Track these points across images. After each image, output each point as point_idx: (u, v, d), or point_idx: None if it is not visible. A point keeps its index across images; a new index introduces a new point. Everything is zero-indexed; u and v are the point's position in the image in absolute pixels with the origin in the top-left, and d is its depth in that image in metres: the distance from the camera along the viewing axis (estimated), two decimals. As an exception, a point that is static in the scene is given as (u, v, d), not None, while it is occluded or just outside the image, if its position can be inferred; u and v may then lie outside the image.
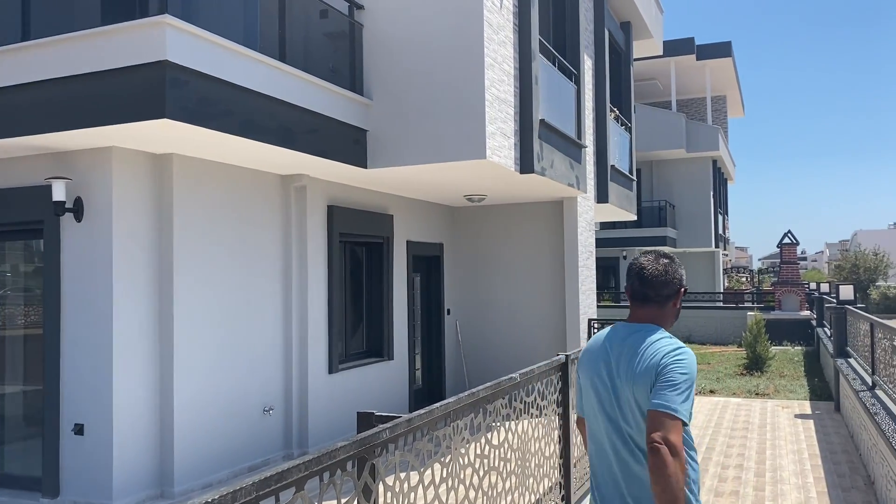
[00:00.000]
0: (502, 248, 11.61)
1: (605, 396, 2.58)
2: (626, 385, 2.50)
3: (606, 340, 2.66)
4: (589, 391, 2.67)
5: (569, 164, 9.71)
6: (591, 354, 2.70)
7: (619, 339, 2.60)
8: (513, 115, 8.12)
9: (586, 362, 2.71)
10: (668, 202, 29.02)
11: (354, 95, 7.60)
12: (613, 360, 2.57)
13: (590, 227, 11.49)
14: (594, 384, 2.63)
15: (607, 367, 2.59)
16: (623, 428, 2.53)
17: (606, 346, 2.63)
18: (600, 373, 2.61)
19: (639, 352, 2.50)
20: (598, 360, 2.64)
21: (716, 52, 28.47)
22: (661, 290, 2.64)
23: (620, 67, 13.81)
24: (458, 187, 9.56)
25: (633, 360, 2.50)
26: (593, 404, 2.64)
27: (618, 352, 2.57)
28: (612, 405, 2.56)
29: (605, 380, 2.59)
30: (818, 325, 17.11)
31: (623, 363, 2.53)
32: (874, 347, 7.19)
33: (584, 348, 2.77)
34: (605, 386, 2.58)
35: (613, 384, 2.55)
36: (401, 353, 10.12)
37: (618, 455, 2.55)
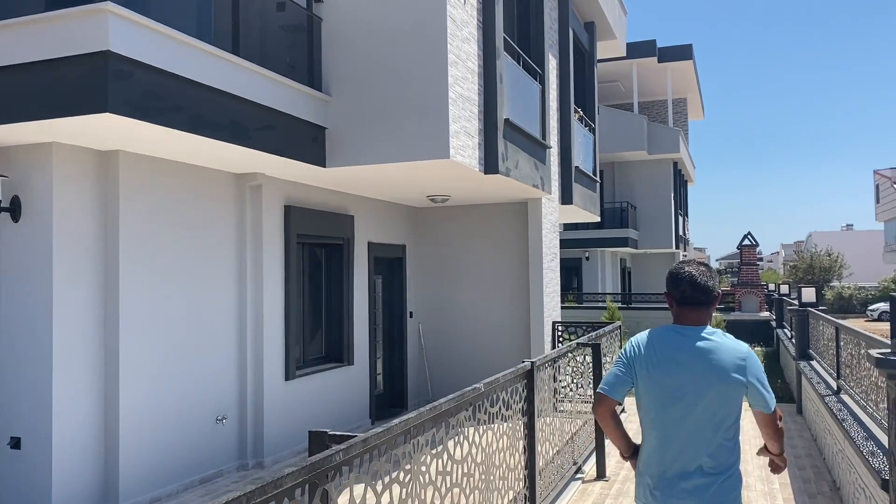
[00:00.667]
0: (466, 250, 11.41)
1: (693, 392, 2.92)
2: (723, 384, 2.90)
3: (677, 342, 3.00)
4: (668, 387, 2.97)
5: (533, 165, 9.54)
6: (666, 353, 3.00)
7: (698, 342, 2.96)
8: (477, 113, 7.92)
9: (655, 362, 3.01)
10: (629, 203, 29.19)
11: (313, 91, 7.31)
12: (702, 360, 2.93)
13: (554, 229, 11.35)
14: (678, 381, 2.95)
15: (694, 366, 2.93)
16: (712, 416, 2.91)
17: (688, 347, 2.96)
18: (688, 371, 2.94)
19: (727, 353, 2.93)
20: (683, 359, 2.96)
21: (677, 55, 28.71)
22: (711, 294, 3.03)
23: (584, 68, 13.72)
24: (421, 188, 9.33)
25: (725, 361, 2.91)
26: (673, 398, 2.96)
27: (705, 353, 2.94)
28: (702, 400, 2.91)
29: (693, 377, 2.92)
30: (778, 327, 17.28)
31: (714, 364, 2.91)
32: (839, 352, 7.15)
33: (646, 345, 3.06)
34: (692, 383, 2.92)
35: (704, 381, 2.91)
36: (361, 358, 9.84)
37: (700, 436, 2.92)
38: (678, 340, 3.00)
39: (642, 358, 3.05)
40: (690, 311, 3.02)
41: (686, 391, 2.93)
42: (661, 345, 3.03)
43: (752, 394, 2.93)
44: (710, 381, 2.90)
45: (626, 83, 30.24)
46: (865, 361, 5.65)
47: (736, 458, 2.98)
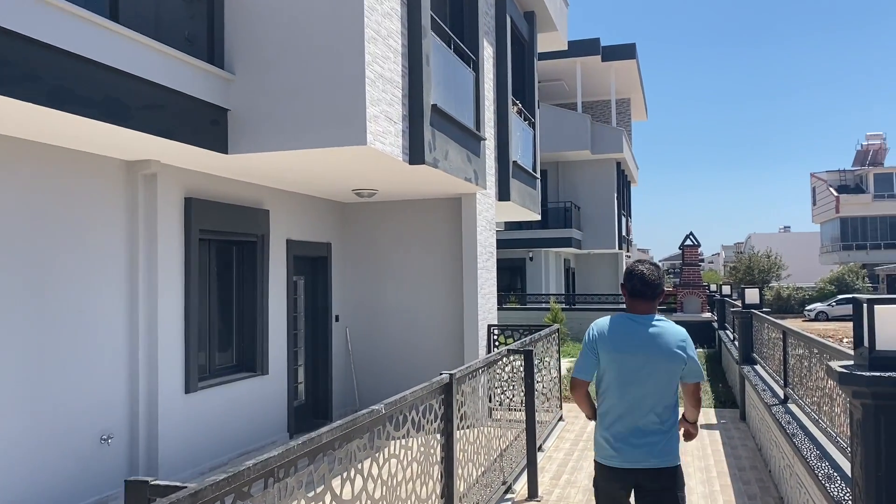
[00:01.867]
0: (397, 249, 10.67)
1: (645, 368, 3.57)
2: (668, 360, 3.58)
3: (630, 327, 3.65)
4: (625, 366, 3.61)
5: (466, 157, 8.86)
6: (621, 338, 3.64)
7: (646, 328, 3.63)
8: (400, 97, 7.19)
9: (613, 344, 3.65)
10: (573, 203, 28.87)
11: (212, 68, 6.47)
12: (651, 342, 3.59)
13: (490, 226, 10.70)
14: (631, 360, 3.59)
15: (645, 347, 3.59)
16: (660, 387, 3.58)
17: (638, 332, 3.62)
18: (640, 351, 3.59)
19: (670, 336, 3.61)
20: (635, 342, 3.61)
21: (621, 54, 28.52)
22: (657, 290, 3.68)
23: (524, 59, 13.13)
24: (344, 180, 8.56)
25: (670, 342, 3.60)
26: (628, 374, 3.59)
27: (652, 336, 3.60)
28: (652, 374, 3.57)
29: (645, 356, 3.57)
30: (720, 328, 17.01)
31: (661, 345, 3.59)
32: (787, 358, 6.66)
33: (606, 331, 3.70)
34: (643, 361, 3.57)
35: (653, 359, 3.57)
36: (278, 366, 9.00)
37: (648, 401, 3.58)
38: (632, 326, 3.67)
39: (605, 340, 3.69)
40: (640, 303, 3.70)
41: (640, 366, 3.59)
42: (618, 330, 3.69)
43: (689, 367, 3.65)
44: (659, 358, 3.59)
45: (570, 82, 29.94)
46: (817, 370, 5.12)
47: (676, 418, 3.68)
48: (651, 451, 3.56)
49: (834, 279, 47.38)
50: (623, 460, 3.61)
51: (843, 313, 42.59)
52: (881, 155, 59.36)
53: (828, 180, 59.32)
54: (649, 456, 3.56)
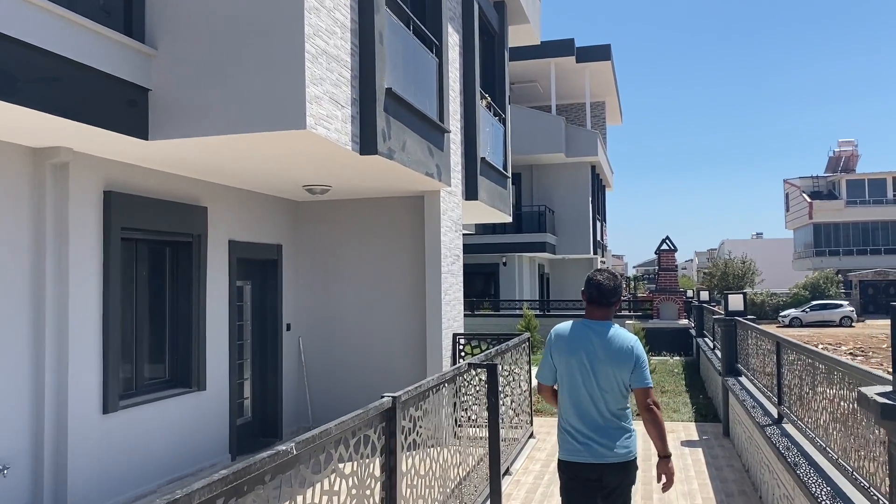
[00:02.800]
0: (355, 251, 9.82)
1: (592, 371, 3.76)
2: (613, 364, 3.75)
3: (582, 332, 3.83)
4: (574, 369, 3.81)
5: (427, 150, 8.07)
6: (572, 342, 3.83)
7: (596, 333, 3.80)
8: (349, 79, 6.38)
9: (566, 347, 3.85)
10: (547, 207, 28.22)
11: (129, 41, 5.61)
12: (598, 347, 3.77)
13: (456, 227, 9.91)
14: (580, 363, 3.79)
15: (592, 351, 3.77)
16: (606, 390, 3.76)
17: (588, 337, 3.80)
18: (588, 355, 3.78)
19: (618, 341, 3.77)
20: (584, 346, 3.80)
21: (595, 55, 27.96)
22: (612, 298, 3.88)
23: (494, 51, 12.39)
24: (291, 173, 7.71)
25: (616, 347, 3.76)
26: (577, 377, 3.80)
27: (600, 341, 3.77)
28: (598, 378, 3.75)
29: (592, 360, 3.76)
30: (698, 335, 16.37)
31: (608, 349, 3.76)
32: (781, 371, 5.93)
33: (560, 337, 3.90)
34: (591, 364, 3.76)
35: (599, 363, 3.75)
36: (218, 381, 8.11)
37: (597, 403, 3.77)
38: (587, 332, 3.81)
39: (560, 344, 3.86)
40: (596, 309, 3.85)
41: (593, 368, 3.75)
42: (573, 334, 3.85)
43: (635, 372, 3.72)
44: (609, 361, 3.72)
45: (544, 83, 29.33)
46: (825, 389, 4.37)
47: (629, 415, 3.82)
48: (611, 447, 3.72)
49: (808, 285, 47.34)
50: (586, 456, 3.76)
51: (817, 319, 42.53)
52: (853, 161, 59.68)
53: (801, 186, 59.48)
54: (610, 452, 3.72)
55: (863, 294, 49.36)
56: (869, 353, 27.30)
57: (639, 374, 3.71)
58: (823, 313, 42.52)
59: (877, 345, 31.00)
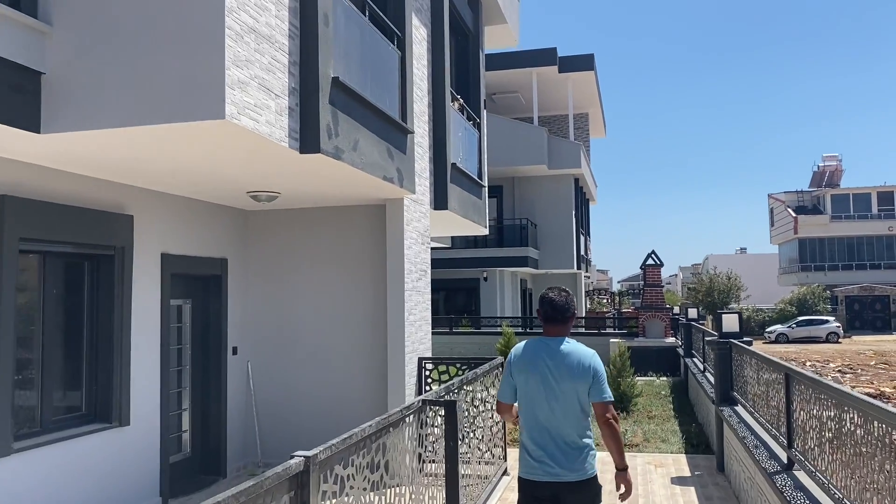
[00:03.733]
0: (311, 266, 8.86)
1: (552, 387, 3.76)
2: (572, 380, 3.75)
3: (540, 349, 3.85)
4: (534, 386, 3.80)
5: (386, 152, 7.15)
6: (531, 360, 3.84)
7: (554, 349, 3.82)
8: (287, 64, 5.46)
9: (525, 364, 3.85)
10: (529, 220, 27.38)
11: (16, 14, 4.67)
12: (556, 363, 3.78)
13: (423, 240, 8.98)
14: (540, 380, 3.79)
15: (550, 367, 3.78)
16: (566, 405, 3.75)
17: (545, 354, 3.82)
18: (546, 372, 3.78)
19: (575, 356, 3.79)
20: (542, 363, 3.80)
21: (578, 65, 27.26)
22: (567, 314, 3.90)
23: (468, 51, 11.54)
24: (226, 176, 6.76)
25: (574, 362, 3.77)
26: (537, 394, 3.79)
27: (558, 357, 3.79)
28: (558, 393, 3.75)
29: (551, 376, 3.77)
30: (686, 355, 15.50)
31: (565, 365, 3.77)
32: (791, 409, 5.03)
33: (519, 355, 3.92)
34: (550, 380, 3.77)
35: (558, 379, 3.76)
36: (146, 413, 7.10)
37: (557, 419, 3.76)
38: (544, 348, 3.87)
39: (518, 362, 3.92)
40: (552, 326, 3.93)
41: (552, 385, 3.79)
42: (531, 352, 3.90)
43: (593, 386, 3.76)
44: (569, 377, 3.77)
45: (526, 94, 28.57)
46: (858, 438, 3.47)
47: (590, 433, 3.85)
48: (569, 465, 3.73)
49: (794, 300, 46.76)
50: (542, 474, 3.76)
51: (804, 335, 41.90)
52: (837, 176, 59.46)
53: (786, 201, 59.15)
54: (567, 471, 3.73)
55: (849, 310, 48.81)
56: (858, 371, 26.61)
57: (597, 388, 3.75)
58: (810, 329, 41.92)
59: (865, 361, 30.35)
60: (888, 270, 54.07)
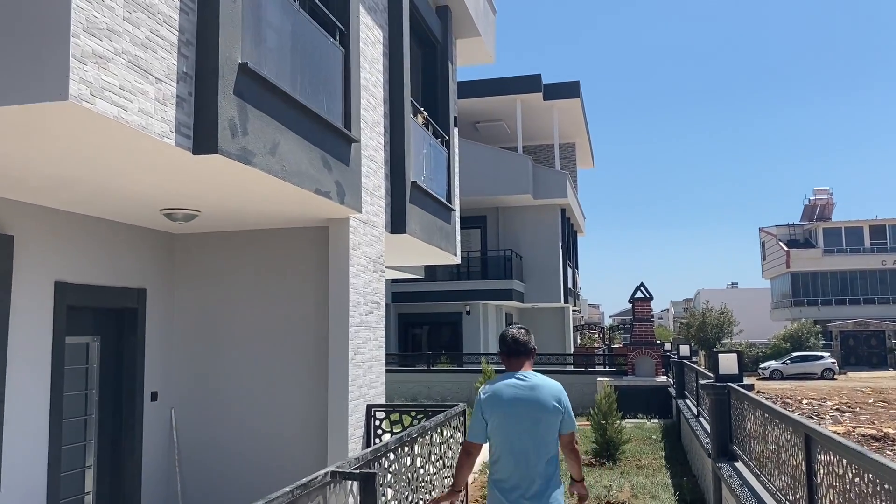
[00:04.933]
0: (246, 297, 7.69)
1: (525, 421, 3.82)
2: (544, 412, 3.83)
3: (510, 385, 3.90)
4: (508, 421, 3.84)
5: (320, 161, 6.05)
6: (502, 397, 3.88)
7: (523, 384, 3.89)
8: (175, 43, 4.38)
9: (496, 401, 3.88)
10: (514, 252, 26.29)
11: None
12: (528, 397, 3.84)
13: (375, 266, 7.84)
14: (513, 415, 3.83)
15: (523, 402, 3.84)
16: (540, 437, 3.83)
17: (516, 389, 3.88)
18: (519, 406, 3.84)
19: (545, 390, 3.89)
20: (514, 399, 3.85)
21: (564, 92, 26.45)
22: (528, 347, 4.05)
23: (436, 63, 10.54)
24: (122, 188, 5.63)
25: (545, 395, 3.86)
26: (512, 428, 3.83)
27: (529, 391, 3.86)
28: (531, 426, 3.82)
29: (524, 410, 3.82)
30: (678, 396, 14.30)
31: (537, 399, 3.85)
32: (813, 479, 3.87)
33: (490, 393, 3.92)
34: (524, 414, 3.82)
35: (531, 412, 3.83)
36: (27, 474, 5.85)
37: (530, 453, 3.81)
38: (514, 384, 3.92)
39: (488, 400, 3.91)
40: (515, 361, 4.03)
41: (522, 421, 3.83)
42: (499, 389, 3.92)
43: (565, 419, 3.89)
44: (538, 410, 3.84)
45: (511, 122, 27.71)
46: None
47: (558, 468, 3.93)
48: (540, 499, 3.80)
49: (788, 336, 45.70)
50: None
51: (798, 372, 40.71)
52: (828, 210, 58.86)
53: (777, 235, 58.41)
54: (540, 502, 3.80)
55: (844, 345, 47.72)
56: (856, 410, 25.43)
57: (568, 420, 3.90)
58: (804, 365, 40.81)
59: (863, 399, 29.18)
60: (882, 305, 53.15)
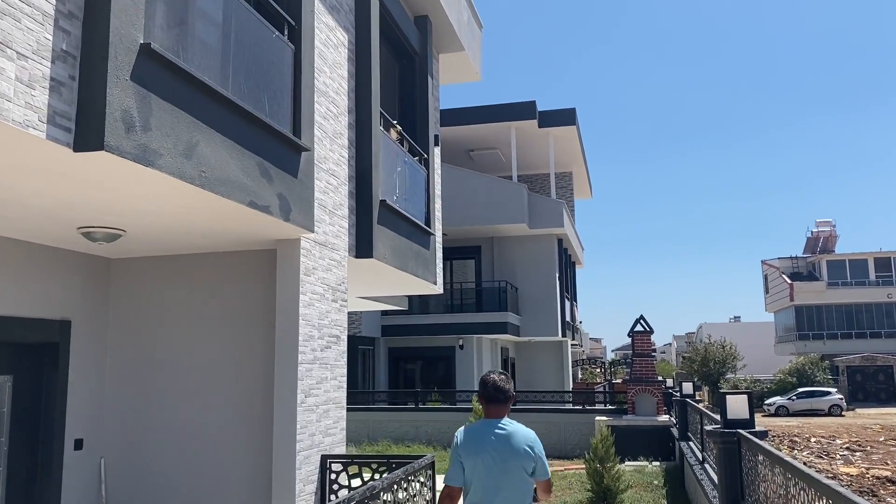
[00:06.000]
0: (187, 331, 6.76)
1: (499, 467, 3.98)
2: (517, 459, 4.00)
3: (486, 431, 4.07)
4: (483, 466, 3.99)
5: (257, 169, 5.17)
6: (478, 442, 4.05)
7: (499, 431, 4.05)
8: (52, 14, 3.53)
9: (473, 447, 4.05)
10: (509, 283, 25.34)
11: None
12: (503, 444, 4.01)
13: (335, 295, 6.91)
14: (488, 461, 3.99)
15: (497, 449, 4.00)
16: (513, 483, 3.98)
17: (492, 435, 4.03)
18: (494, 453, 3.99)
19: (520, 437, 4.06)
20: (489, 445, 4.01)
21: (559, 119, 25.77)
22: (508, 395, 4.18)
23: (414, 76, 9.74)
24: (18, 199, 4.74)
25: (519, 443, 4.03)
26: (486, 474, 3.98)
27: (504, 438, 4.02)
28: (505, 473, 3.98)
29: (498, 457, 3.99)
30: (681, 438, 13.25)
31: (511, 446, 4.01)
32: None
33: (466, 438, 4.10)
34: (498, 461, 3.98)
35: (505, 459, 3.99)
36: None
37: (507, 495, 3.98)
38: (487, 430, 4.08)
39: (465, 445, 4.09)
40: (494, 408, 4.15)
41: (496, 466, 3.99)
42: (475, 435, 4.11)
43: (538, 467, 4.06)
44: (512, 457, 4.00)
45: (506, 150, 27.01)
46: None
47: None
48: None
49: (794, 371, 44.44)
50: None
51: (805, 408, 39.46)
52: (831, 242, 57.96)
53: (780, 267, 57.44)
54: None
55: (851, 380, 46.46)
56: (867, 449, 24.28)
57: (542, 468, 4.06)
58: (811, 401, 39.59)
59: (873, 437, 27.99)
60: (889, 339, 51.93)
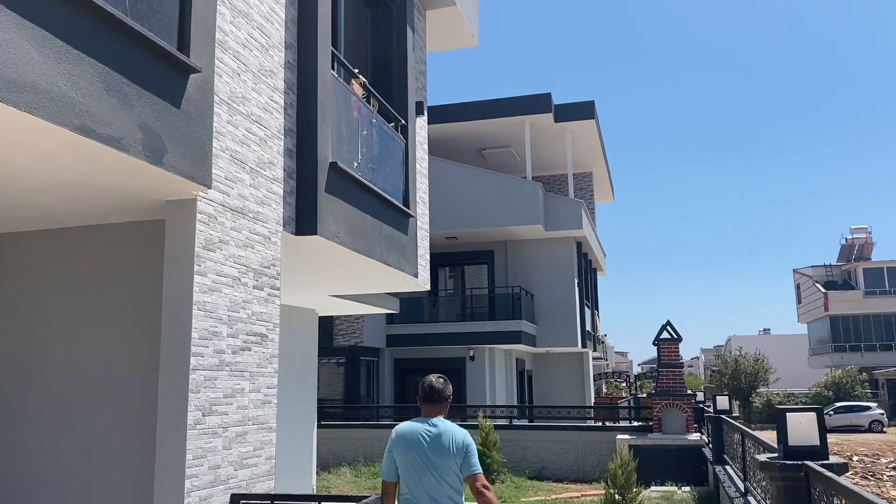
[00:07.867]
0: (59, 332, 5.14)
1: (427, 464, 4.17)
2: (444, 456, 4.18)
3: (417, 429, 4.28)
4: (412, 463, 4.19)
5: (97, 78, 3.54)
6: (409, 439, 4.26)
7: (429, 429, 4.25)
8: None
9: (404, 444, 4.26)
10: (524, 290, 23.54)
11: None
12: (431, 441, 4.20)
13: (259, 281, 5.24)
14: (417, 458, 4.19)
15: (425, 446, 4.20)
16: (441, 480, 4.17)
17: (421, 433, 4.24)
18: (422, 450, 4.19)
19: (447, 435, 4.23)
20: (418, 442, 4.22)
21: (577, 113, 23.97)
22: (443, 396, 4.44)
23: (390, 28, 8.11)
24: None
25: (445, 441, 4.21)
26: (415, 470, 4.19)
27: (432, 436, 4.22)
28: (432, 469, 4.17)
29: (426, 454, 4.18)
30: (716, 461, 11.37)
31: (438, 443, 4.20)
32: None
33: (398, 434, 4.31)
34: (426, 457, 4.18)
35: (432, 456, 4.17)
36: None
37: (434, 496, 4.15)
38: (419, 428, 4.28)
39: (397, 441, 4.29)
40: (430, 407, 4.37)
41: (425, 462, 4.16)
42: (407, 433, 4.29)
43: (465, 462, 4.19)
44: (440, 454, 4.16)
45: (520, 148, 25.29)
46: None
47: None
48: None
49: (830, 384, 42.02)
50: None
51: (843, 423, 37.11)
52: (867, 249, 55.30)
53: (813, 276, 54.88)
54: None
55: (891, 395, 43.82)
56: (916, 469, 22.10)
57: (467, 463, 4.18)
58: (850, 416, 37.32)
59: (918, 456, 25.73)
60: (931, 351, 49.20)
